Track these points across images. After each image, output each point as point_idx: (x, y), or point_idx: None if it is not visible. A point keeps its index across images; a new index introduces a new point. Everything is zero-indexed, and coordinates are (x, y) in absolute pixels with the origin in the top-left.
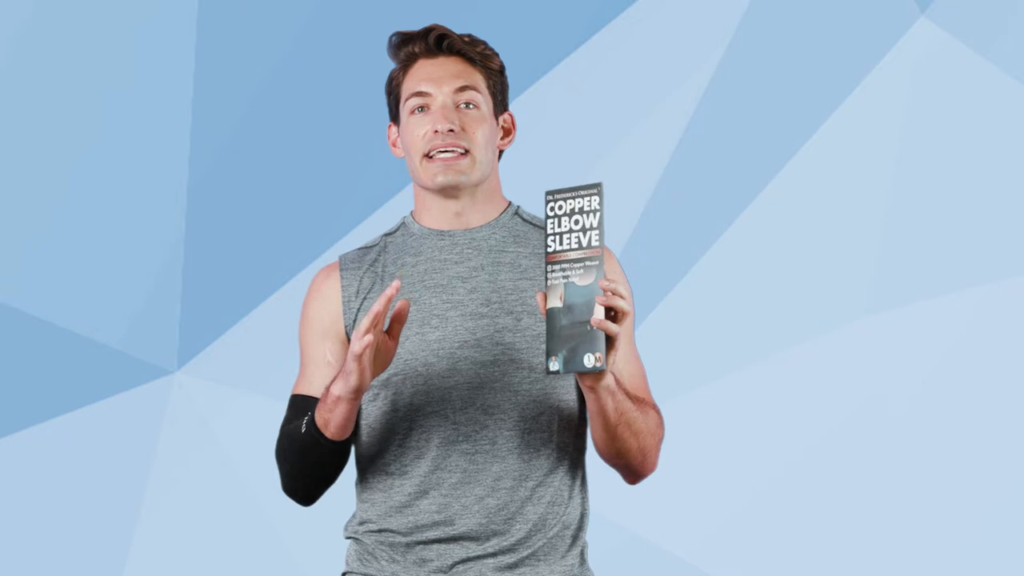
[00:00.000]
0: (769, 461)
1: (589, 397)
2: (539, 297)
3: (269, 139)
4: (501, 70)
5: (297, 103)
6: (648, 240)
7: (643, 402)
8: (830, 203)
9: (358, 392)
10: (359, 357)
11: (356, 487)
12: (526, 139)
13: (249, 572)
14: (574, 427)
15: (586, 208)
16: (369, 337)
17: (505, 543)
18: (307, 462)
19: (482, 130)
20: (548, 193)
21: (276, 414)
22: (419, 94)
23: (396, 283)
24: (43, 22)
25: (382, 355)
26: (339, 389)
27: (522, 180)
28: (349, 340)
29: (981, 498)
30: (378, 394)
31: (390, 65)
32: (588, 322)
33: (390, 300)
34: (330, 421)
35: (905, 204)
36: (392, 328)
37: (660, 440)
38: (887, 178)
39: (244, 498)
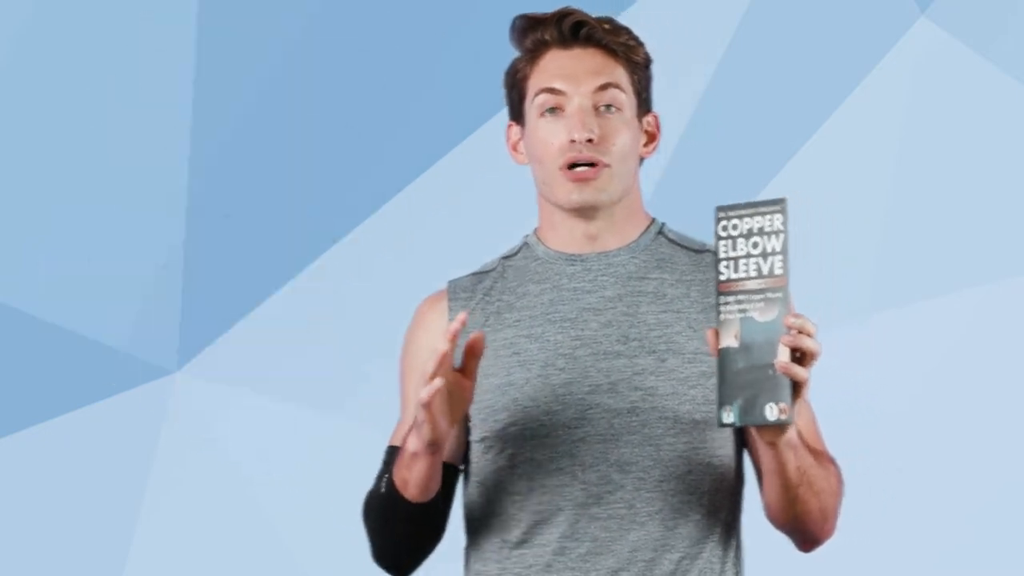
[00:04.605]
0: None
1: (767, 454)
2: (709, 334)
3: (270, 138)
4: (647, 63)
5: (298, 102)
6: None
7: (822, 455)
8: (830, 203)
9: (435, 445)
10: (427, 405)
11: (465, 553)
12: None
13: (249, 572)
14: (728, 487)
15: (767, 228)
16: (438, 382)
17: None
18: (390, 527)
19: (623, 139)
20: (720, 209)
21: (277, 414)
22: (551, 91)
23: (462, 316)
24: (43, 22)
25: (457, 397)
26: (413, 444)
27: (521, 181)
28: (459, 366)
29: (981, 498)
30: (492, 447)
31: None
32: (770, 366)
33: (455, 336)
34: (408, 480)
35: (905, 204)
36: (467, 365)
37: (841, 499)
38: (887, 178)
39: (244, 499)
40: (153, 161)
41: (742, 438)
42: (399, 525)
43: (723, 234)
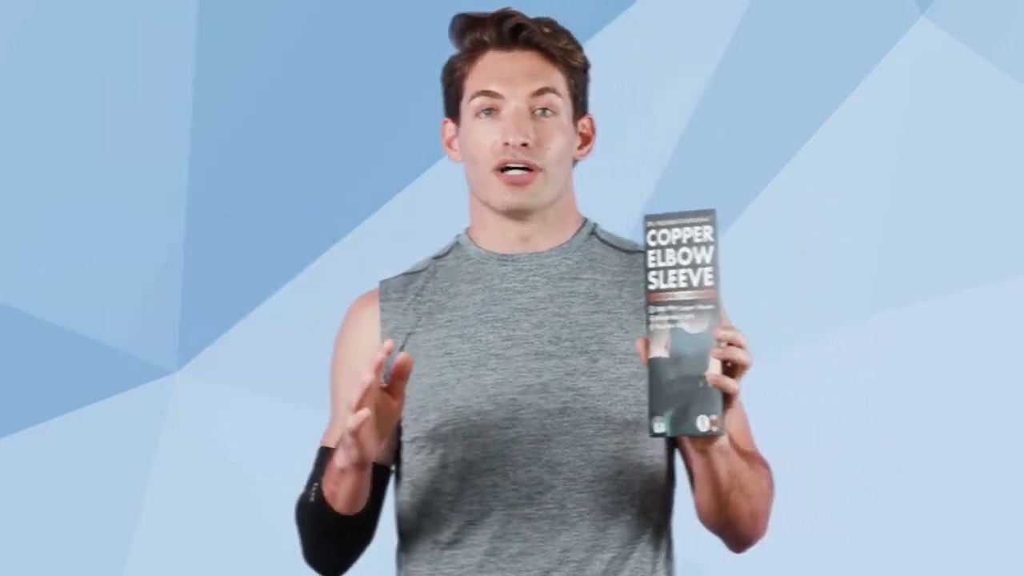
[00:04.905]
0: (767, 460)
1: (698, 461)
2: (639, 344)
3: (270, 138)
4: (585, 67)
5: (298, 101)
6: None
7: (753, 457)
8: (830, 203)
9: (361, 465)
10: (354, 433)
11: (397, 554)
12: None
13: (249, 572)
14: (659, 488)
15: (696, 239)
16: (364, 412)
17: None
18: (320, 535)
19: (558, 143)
20: (648, 218)
21: (277, 414)
22: (488, 94)
23: (387, 344)
24: (43, 22)
25: (384, 417)
26: (341, 460)
27: None
28: (386, 385)
29: (981, 498)
30: (423, 447)
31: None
32: (701, 377)
33: (381, 365)
34: (337, 494)
35: (905, 204)
36: (393, 385)
37: (772, 500)
38: (887, 178)
39: (244, 499)
40: (153, 161)
41: (673, 440)
42: (329, 534)
43: (652, 244)
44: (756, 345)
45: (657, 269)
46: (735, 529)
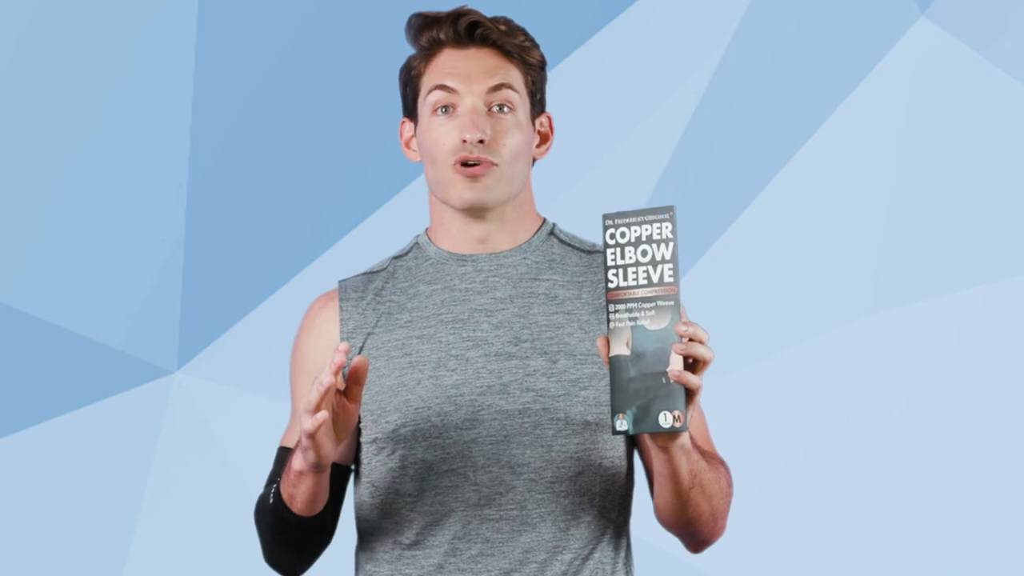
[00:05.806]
0: (768, 461)
1: (659, 458)
2: (600, 343)
3: (269, 138)
4: (542, 65)
5: (297, 102)
6: None
7: (713, 457)
8: (830, 203)
9: (319, 467)
10: (312, 436)
11: (356, 554)
12: None
13: (249, 572)
14: (619, 490)
15: (656, 236)
16: (322, 414)
17: None
18: (279, 537)
19: (515, 139)
20: (607, 217)
21: (277, 414)
22: (444, 88)
23: (344, 346)
24: (43, 22)
25: (342, 421)
26: (299, 463)
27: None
28: (343, 388)
29: (980, 498)
30: (383, 448)
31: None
32: (663, 374)
33: (339, 368)
34: (295, 496)
35: (905, 204)
36: (350, 390)
37: (731, 500)
38: (887, 178)
39: (244, 498)
40: (153, 161)
41: (633, 440)
42: (288, 536)
43: (611, 242)
44: (756, 345)
45: (616, 267)
46: (694, 529)
